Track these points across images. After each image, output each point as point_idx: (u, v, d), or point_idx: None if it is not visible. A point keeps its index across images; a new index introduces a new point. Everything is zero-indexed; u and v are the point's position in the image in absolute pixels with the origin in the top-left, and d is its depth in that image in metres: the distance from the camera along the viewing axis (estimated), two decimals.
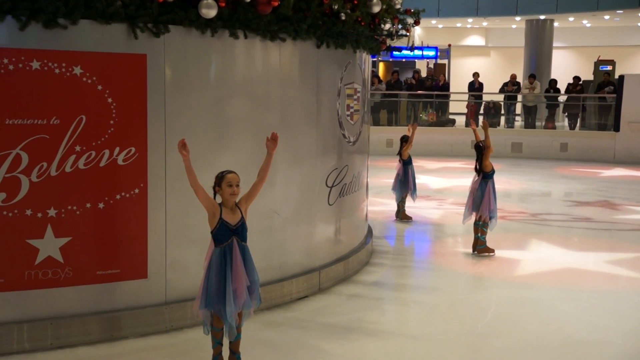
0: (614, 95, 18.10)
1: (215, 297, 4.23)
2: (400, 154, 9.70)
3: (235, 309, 4.23)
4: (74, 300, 4.96)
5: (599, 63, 24.43)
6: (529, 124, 19.62)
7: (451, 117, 20.74)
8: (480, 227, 7.80)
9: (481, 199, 7.71)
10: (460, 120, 20.79)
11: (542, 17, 24.49)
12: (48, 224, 4.81)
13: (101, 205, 4.97)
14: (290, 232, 6.11)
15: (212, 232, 4.28)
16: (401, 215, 9.79)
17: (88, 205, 4.92)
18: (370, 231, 8.13)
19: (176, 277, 5.32)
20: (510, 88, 20.16)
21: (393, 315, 6.02)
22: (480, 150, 7.81)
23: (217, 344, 4.42)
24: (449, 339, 5.33)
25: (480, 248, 7.84)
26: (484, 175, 7.76)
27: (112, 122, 4.94)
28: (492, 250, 7.85)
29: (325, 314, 5.83)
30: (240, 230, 4.29)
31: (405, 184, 9.65)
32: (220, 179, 4.31)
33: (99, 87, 4.86)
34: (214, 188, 4.35)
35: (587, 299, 6.38)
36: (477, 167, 7.85)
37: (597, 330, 5.60)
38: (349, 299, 6.28)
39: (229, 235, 4.24)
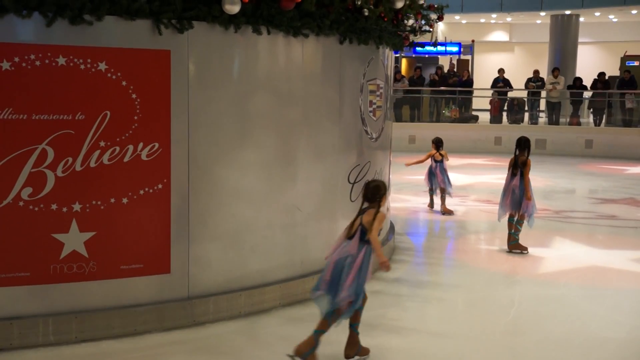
0: (637, 91, 17.89)
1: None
2: (440, 154, 10.06)
3: None
4: (98, 295, 5.01)
5: (625, 59, 24.10)
6: (553, 120, 19.42)
7: (474, 113, 20.60)
8: (515, 224, 7.70)
9: (521, 196, 7.61)
10: (484, 116, 20.63)
11: (568, 12, 24.22)
12: (73, 219, 4.86)
13: (125, 201, 5.00)
14: (312, 228, 6.11)
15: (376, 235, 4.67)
16: (443, 209, 10.02)
17: (112, 200, 4.96)
18: (392, 228, 8.11)
19: (199, 273, 5.35)
20: (531, 86, 19.90)
21: (415, 313, 6.00)
22: (527, 145, 7.68)
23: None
24: (471, 336, 5.30)
25: (512, 244, 7.74)
26: (522, 173, 7.62)
27: (136, 117, 4.97)
28: (526, 248, 7.72)
29: None
30: None
31: (435, 177, 10.03)
32: (386, 189, 4.82)
33: (124, 83, 4.90)
34: (379, 197, 4.73)
35: (612, 297, 6.31)
36: (515, 162, 7.69)
37: (622, 328, 5.54)
38: (370, 296, 6.18)
39: None
